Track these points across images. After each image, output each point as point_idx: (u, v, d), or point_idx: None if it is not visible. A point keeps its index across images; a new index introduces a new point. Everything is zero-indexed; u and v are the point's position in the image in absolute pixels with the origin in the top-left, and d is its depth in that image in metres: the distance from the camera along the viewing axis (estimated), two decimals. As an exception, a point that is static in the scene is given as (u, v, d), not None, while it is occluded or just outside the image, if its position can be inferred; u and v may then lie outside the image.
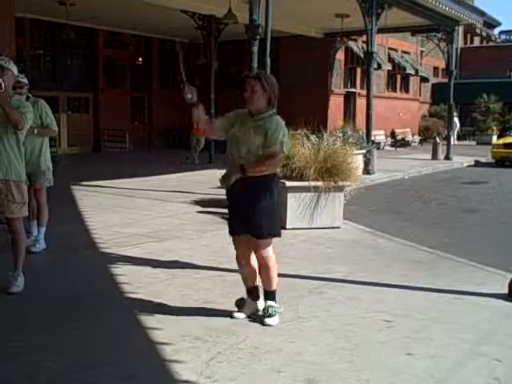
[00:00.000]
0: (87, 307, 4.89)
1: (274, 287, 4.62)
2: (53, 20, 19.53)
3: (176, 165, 17.05)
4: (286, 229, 7.89)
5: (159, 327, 4.37)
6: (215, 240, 7.54)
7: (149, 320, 4.53)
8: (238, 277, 5.35)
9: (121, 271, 5.94)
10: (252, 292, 4.72)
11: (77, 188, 12.07)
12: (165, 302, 4.96)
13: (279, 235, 4.60)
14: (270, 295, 4.63)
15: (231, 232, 4.66)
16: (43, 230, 6.77)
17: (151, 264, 6.23)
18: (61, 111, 20.94)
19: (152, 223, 8.63)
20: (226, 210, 9.62)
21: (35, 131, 6.38)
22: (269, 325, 4.47)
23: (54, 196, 7.34)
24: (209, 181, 13.31)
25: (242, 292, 4.91)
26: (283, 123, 4.47)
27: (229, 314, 4.65)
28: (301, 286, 5.44)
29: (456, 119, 31.86)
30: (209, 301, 5.02)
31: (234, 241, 4.66)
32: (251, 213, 4.42)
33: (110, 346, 4.11)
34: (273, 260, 4.55)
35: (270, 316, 4.52)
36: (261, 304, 4.68)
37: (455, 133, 31.66)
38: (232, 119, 4.54)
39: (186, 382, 3.51)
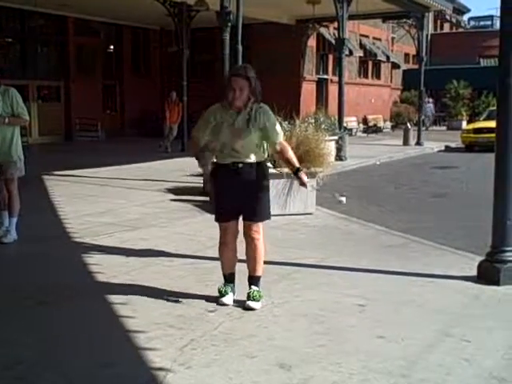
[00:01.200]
0: (60, 297, 4.87)
1: (261, 273, 4.73)
2: (21, 7, 19.22)
3: (149, 153, 16.98)
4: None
5: (133, 315, 4.38)
6: (188, 228, 7.55)
7: (122, 308, 4.54)
8: (211, 264, 5.39)
9: (94, 260, 5.92)
10: (231, 278, 4.78)
11: (49, 177, 11.96)
12: (138, 291, 4.95)
13: (270, 218, 4.75)
14: (256, 280, 4.71)
15: (222, 218, 4.65)
16: (14, 220, 6.70)
17: (125, 253, 6.21)
18: (31, 100, 20.67)
19: (125, 212, 8.60)
20: (198, 198, 9.70)
21: (6, 120, 6.31)
22: (252, 308, 4.54)
23: (25, 186, 7.26)
24: (181, 169, 13.31)
25: (215, 279, 4.94)
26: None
27: (202, 301, 4.68)
28: (274, 272, 5.47)
29: (431, 105, 32.15)
30: (182, 288, 5.02)
31: (224, 227, 4.66)
32: (252, 197, 4.54)
33: (83, 335, 4.10)
34: (263, 244, 4.69)
35: (254, 300, 4.59)
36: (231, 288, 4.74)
37: (431, 118, 32.03)
38: (211, 119, 4.55)
39: (160, 369, 3.53)
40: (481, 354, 3.80)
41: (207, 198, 9.32)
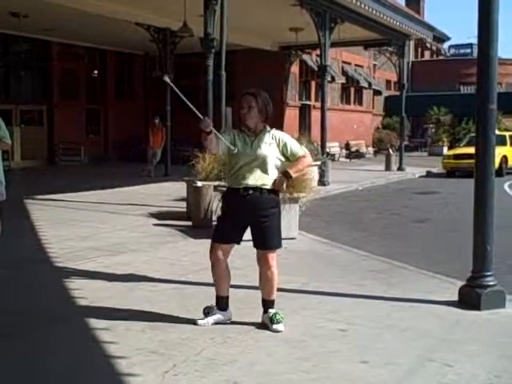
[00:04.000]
0: (39, 323, 4.82)
1: (275, 296, 4.82)
2: (5, 32, 19.24)
3: (132, 178, 16.94)
4: (242, 240, 7.90)
5: (114, 341, 4.34)
6: (171, 252, 7.52)
7: (104, 334, 4.50)
8: (194, 289, 5.38)
9: (76, 285, 5.88)
10: (225, 301, 4.79)
11: (31, 202, 11.89)
12: (120, 316, 4.91)
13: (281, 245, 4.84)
14: (272, 304, 4.79)
15: (224, 240, 4.70)
16: (-5, 244, 6.66)
17: (107, 278, 6.18)
18: (14, 124, 20.62)
19: (108, 236, 8.56)
20: (182, 222, 9.67)
21: (-13, 144, 6.28)
22: (279, 331, 4.60)
23: (6, 210, 7.22)
24: (165, 193, 13.30)
25: (198, 304, 4.93)
26: None
27: (185, 326, 4.66)
28: (256, 297, 5.43)
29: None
30: (165, 314, 5.00)
31: (220, 248, 4.69)
32: (267, 225, 4.64)
33: (63, 362, 4.05)
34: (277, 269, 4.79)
35: (278, 322, 4.65)
36: (227, 314, 4.76)
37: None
38: (232, 138, 4.64)
39: (142, 395, 3.51)
40: (462, 378, 3.82)
41: (190, 223, 9.32)
